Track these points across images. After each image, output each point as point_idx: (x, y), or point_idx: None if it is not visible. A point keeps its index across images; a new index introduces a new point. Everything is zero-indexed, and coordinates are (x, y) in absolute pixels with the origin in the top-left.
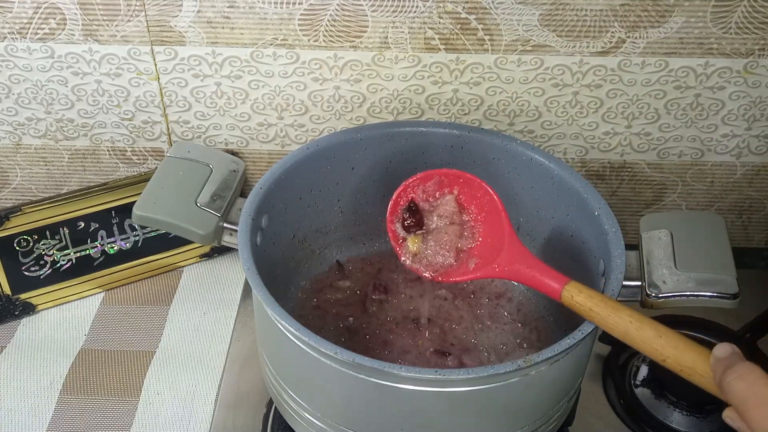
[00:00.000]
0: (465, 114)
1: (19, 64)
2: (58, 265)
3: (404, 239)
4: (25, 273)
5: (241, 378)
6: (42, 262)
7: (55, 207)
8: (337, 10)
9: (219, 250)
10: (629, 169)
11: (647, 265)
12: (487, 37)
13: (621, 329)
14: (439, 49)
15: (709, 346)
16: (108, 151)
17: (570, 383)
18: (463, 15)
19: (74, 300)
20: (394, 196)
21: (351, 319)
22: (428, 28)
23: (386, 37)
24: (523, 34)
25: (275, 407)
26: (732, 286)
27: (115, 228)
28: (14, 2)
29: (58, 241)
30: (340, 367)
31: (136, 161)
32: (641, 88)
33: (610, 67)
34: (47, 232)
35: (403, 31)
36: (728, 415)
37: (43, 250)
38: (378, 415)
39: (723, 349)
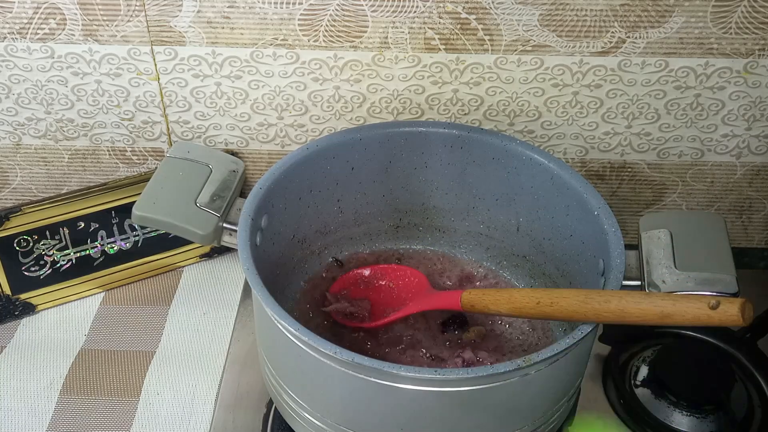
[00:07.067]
0: (465, 114)
1: (19, 64)
2: (58, 265)
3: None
4: (25, 273)
5: (241, 378)
6: (42, 262)
7: (55, 207)
8: (337, 10)
9: (219, 250)
10: (629, 169)
11: (647, 265)
12: (487, 37)
13: (505, 296)
14: (439, 49)
15: (709, 346)
16: (108, 151)
17: (570, 383)
18: (463, 15)
19: (74, 300)
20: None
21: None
22: (428, 28)
23: (386, 37)
24: (523, 34)
25: (275, 407)
26: (732, 286)
27: (115, 228)
28: (14, 2)
29: (58, 241)
30: (340, 367)
31: (136, 161)
32: (641, 88)
33: (610, 67)
34: (47, 232)
35: (403, 31)
36: None
37: (43, 250)
38: (378, 415)
39: None
